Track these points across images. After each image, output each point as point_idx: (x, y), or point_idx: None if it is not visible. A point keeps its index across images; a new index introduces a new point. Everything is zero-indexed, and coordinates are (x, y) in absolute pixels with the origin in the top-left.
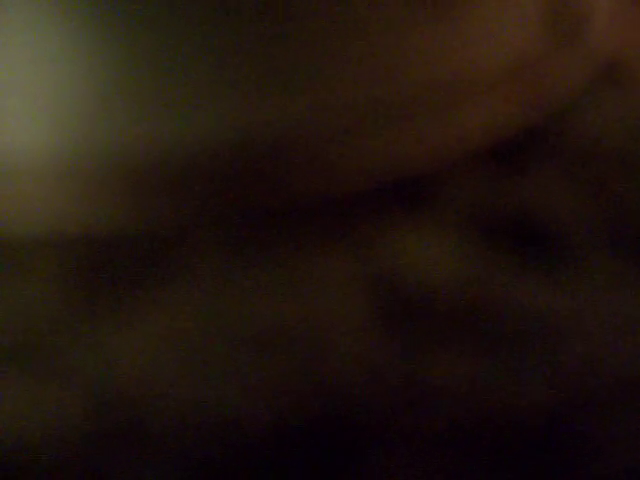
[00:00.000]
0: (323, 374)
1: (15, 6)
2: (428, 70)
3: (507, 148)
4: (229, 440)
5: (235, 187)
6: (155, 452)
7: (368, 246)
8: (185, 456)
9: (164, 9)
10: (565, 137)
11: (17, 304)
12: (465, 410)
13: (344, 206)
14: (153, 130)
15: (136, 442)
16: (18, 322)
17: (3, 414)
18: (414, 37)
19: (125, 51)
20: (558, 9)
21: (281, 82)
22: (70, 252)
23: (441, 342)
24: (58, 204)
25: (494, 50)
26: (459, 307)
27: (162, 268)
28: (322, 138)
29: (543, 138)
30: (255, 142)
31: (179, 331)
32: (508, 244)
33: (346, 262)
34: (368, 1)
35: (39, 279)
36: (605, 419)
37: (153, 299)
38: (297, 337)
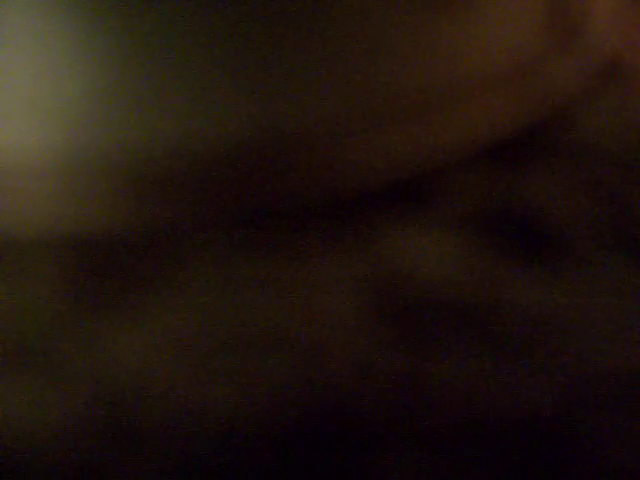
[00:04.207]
0: (323, 374)
1: (16, 8)
2: (429, 71)
3: (508, 147)
4: (228, 439)
5: (236, 187)
6: (154, 451)
7: (369, 246)
8: (184, 455)
9: (165, 11)
10: (566, 136)
11: (17, 304)
12: (465, 410)
13: (345, 206)
14: (153, 131)
15: (136, 441)
16: (18, 322)
17: (4, 413)
18: (416, 39)
19: (125, 53)
20: (558, 10)
21: (281, 84)
22: (70, 252)
23: (442, 342)
24: (58, 204)
25: (495, 51)
26: (460, 307)
27: (162, 268)
28: (323, 139)
29: (544, 137)
30: (256, 143)
31: (179, 331)
32: (509, 243)
33: (347, 262)
34: (371, 4)
35: (39, 279)
36: (605, 419)
37: (153, 299)
38: (297, 337)
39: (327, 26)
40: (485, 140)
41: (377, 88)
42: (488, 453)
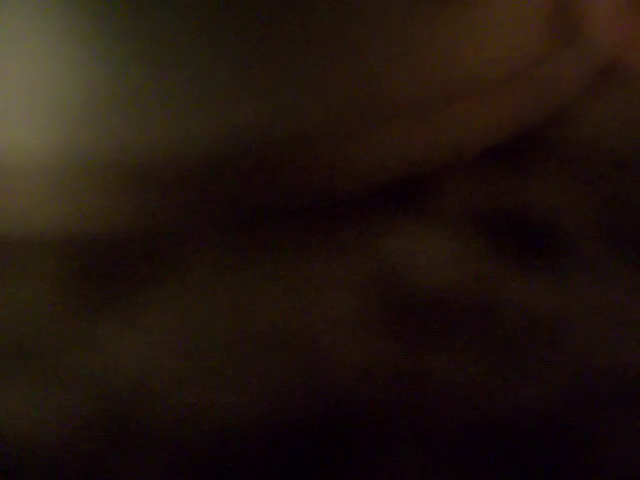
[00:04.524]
0: (322, 373)
1: (16, 7)
2: (429, 71)
3: (508, 147)
4: (228, 439)
5: (236, 187)
6: (154, 451)
7: (369, 246)
8: (184, 455)
9: (165, 10)
10: (565, 136)
11: (16, 304)
12: (465, 409)
13: (345, 206)
14: (153, 130)
15: (135, 442)
16: (17, 321)
17: (4, 413)
18: (415, 39)
19: (126, 51)
20: (558, 10)
21: (281, 84)
22: (70, 252)
23: (441, 342)
24: (58, 204)
25: (495, 51)
26: (460, 307)
27: (162, 268)
28: (323, 139)
29: (544, 137)
30: (256, 143)
31: (178, 330)
32: (508, 244)
33: (346, 262)
34: (370, 5)
35: (39, 278)
36: (605, 419)
37: (152, 299)
38: (296, 337)
39: (327, 26)
40: (485, 140)
41: (377, 88)
42: (488, 453)
